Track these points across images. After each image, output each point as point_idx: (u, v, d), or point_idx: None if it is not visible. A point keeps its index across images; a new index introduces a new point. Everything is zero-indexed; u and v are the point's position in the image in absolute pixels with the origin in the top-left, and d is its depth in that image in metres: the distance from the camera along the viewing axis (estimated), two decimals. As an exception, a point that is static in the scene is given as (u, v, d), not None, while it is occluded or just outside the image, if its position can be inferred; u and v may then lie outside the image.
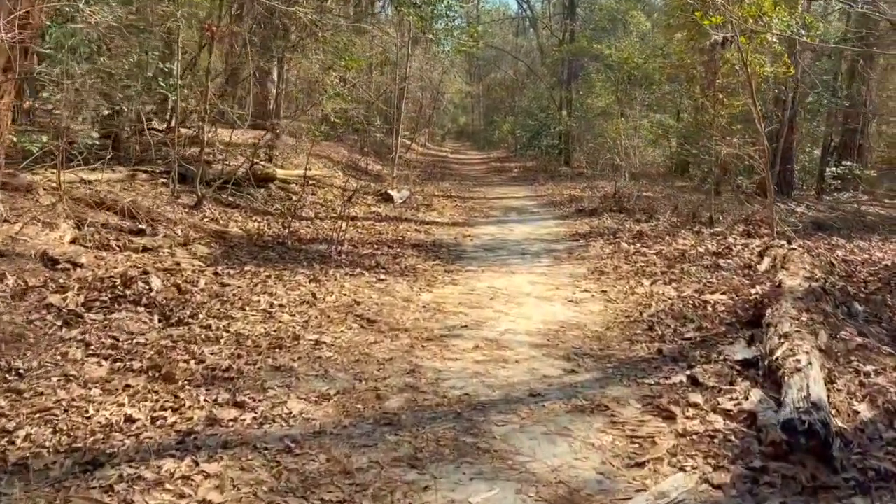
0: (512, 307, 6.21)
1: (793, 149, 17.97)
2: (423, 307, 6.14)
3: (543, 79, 29.48)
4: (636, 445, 3.50)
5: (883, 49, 17.08)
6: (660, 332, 5.32)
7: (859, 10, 10.62)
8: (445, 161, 30.87)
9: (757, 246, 9.17)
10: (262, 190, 10.98)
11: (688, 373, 4.38)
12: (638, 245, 9.09)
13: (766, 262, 7.48)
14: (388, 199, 12.75)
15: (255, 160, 11.37)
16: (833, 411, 3.47)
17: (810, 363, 3.78)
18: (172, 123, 10.08)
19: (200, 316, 5.18)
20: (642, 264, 7.92)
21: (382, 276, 7.09)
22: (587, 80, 26.33)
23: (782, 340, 4.23)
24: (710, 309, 5.94)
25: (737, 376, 4.20)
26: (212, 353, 4.50)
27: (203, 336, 4.80)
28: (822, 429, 3.05)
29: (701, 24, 9.71)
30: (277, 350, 4.70)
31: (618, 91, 22.18)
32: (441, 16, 14.50)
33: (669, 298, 6.35)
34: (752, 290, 6.29)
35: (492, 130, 40.26)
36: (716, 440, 3.50)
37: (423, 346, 5.00)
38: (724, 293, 6.38)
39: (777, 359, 4.01)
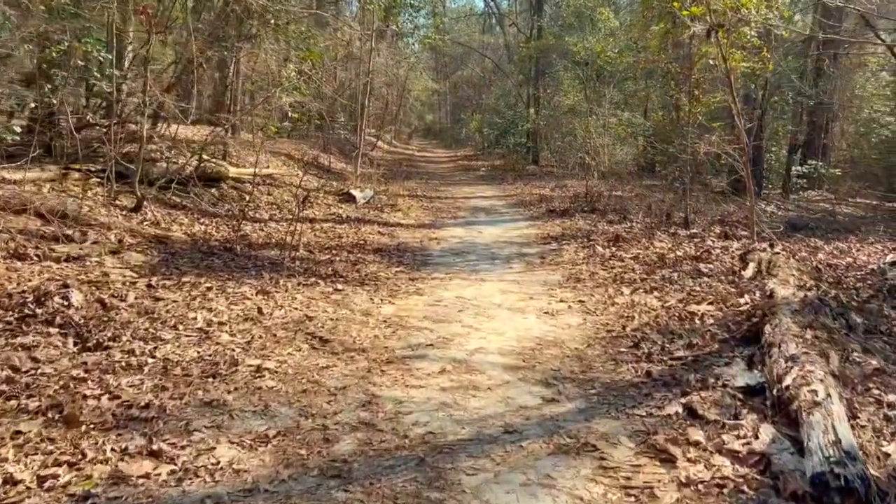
0: (482, 321, 5.61)
1: (762, 147, 17.77)
2: (384, 322, 5.51)
3: (511, 76, 29.01)
4: (632, 499, 2.93)
5: (847, 45, 16.97)
6: (646, 350, 4.77)
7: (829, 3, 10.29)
8: (412, 159, 30.22)
9: (737, 249, 8.75)
10: (213, 190, 10.22)
11: (683, 401, 3.83)
12: (614, 249, 8.58)
13: (751, 267, 7.02)
14: (350, 199, 12.07)
15: (207, 157, 10.60)
16: (862, 454, 2.94)
17: (829, 395, 3.25)
18: (115, 117, 9.27)
19: (124, 338, 4.47)
20: (620, 270, 7.40)
21: (340, 286, 6.43)
22: (555, 78, 25.95)
23: (790, 364, 3.71)
24: (698, 322, 5.42)
25: (741, 407, 3.66)
26: (130, 386, 3.80)
27: (123, 363, 4.10)
28: (861, 485, 2.51)
29: (679, 15, 9.26)
30: (211, 379, 4.02)
31: (587, 88, 21.80)
32: (404, 5, 13.82)
33: (653, 309, 5.83)
34: (742, 300, 5.80)
35: (459, 128, 39.75)
36: (725, 490, 2.95)
37: (382, 371, 4.37)
38: (711, 303, 5.88)
39: (788, 388, 3.48)
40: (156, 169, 9.13)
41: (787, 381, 3.54)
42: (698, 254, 8.35)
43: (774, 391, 3.61)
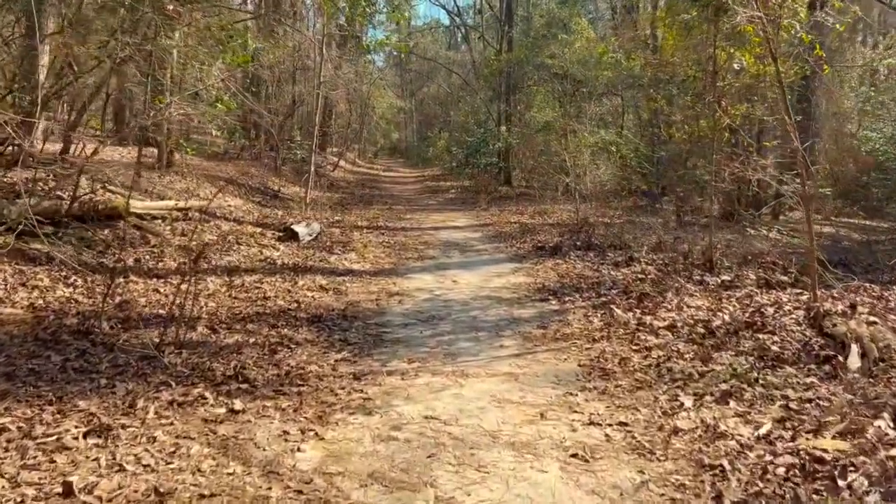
0: (471, 482, 3.21)
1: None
2: (299, 491, 3.07)
3: (480, 92, 26.86)
4: None
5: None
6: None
7: None
8: (376, 180, 27.80)
9: (794, 305, 6.53)
10: (106, 231, 7.66)
11: None
12: (638, 312, 6.26)
13: (854, 354, 4.75)
14: (291, 236, 9.58)
15: (106, 187, 8.08)
16: None
17: None
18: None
19: None
20: (661, 354, 5.06)
21: (239, 404, 3.96)
22: (528, 93, 23.87)
23: None
24: (842, 483, 3.09)
25: None
26: None
27: None
28: None
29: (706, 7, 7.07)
30: None
31: (565, 103, 19.69)
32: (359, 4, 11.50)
33: (747, 448, 3.49)
34: (892, 435, 3.49)
35: (426, 147, 37.48)
36: None
37: None
38: (839, 435, 3.57)
39: None
40: (14, 208, 6.56)
41: None
42: (750, 318, 6.08)
43: None
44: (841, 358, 4.75)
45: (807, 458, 3.33)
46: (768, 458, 3.36)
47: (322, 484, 3.15)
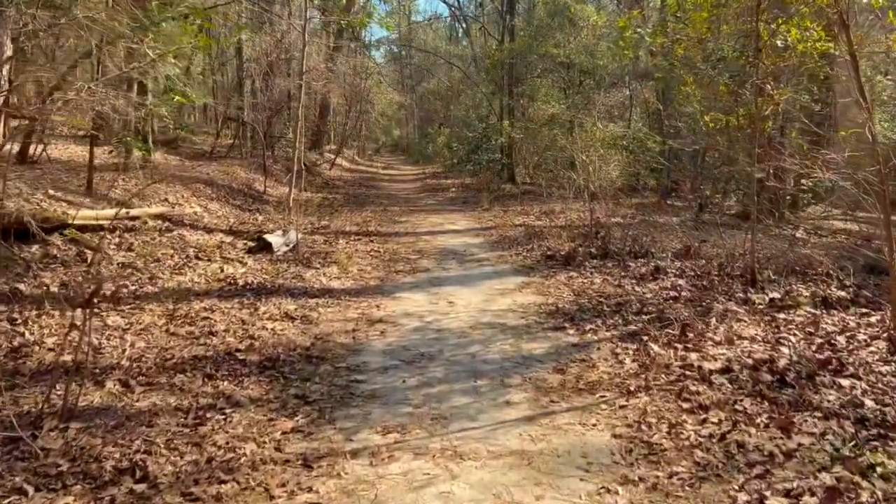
0: None
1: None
2: None
3: (481, 85, 25.46)
4: None
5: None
6: None
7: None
8: (374, 179, 26.46)
9: (870, 334, 5.20)
10: (34, 248, 6.35)
11: None
12: (680, 347, 4.92)
13: None
14: (264, 246, 8.25)
15: (45, 193, 6.80)
16: None
17: None
18: None
19: None
20: (723, 417, 3.72)
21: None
22: (531, 86, 22.47)
23: None
24: None
25: None
26: None
27: None
28: None
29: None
30: None
31: (572, 94, 18.30)
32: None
33: None
34: None
35: (426, 144, 36.11)
36: None
37: None
38: None
39: None
40: None
41: None
42: (820, 352, 4.75)
43: None
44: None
45: None
46: None
47: None
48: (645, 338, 5.17)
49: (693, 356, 4.76)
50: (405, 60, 43.86)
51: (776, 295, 6.57)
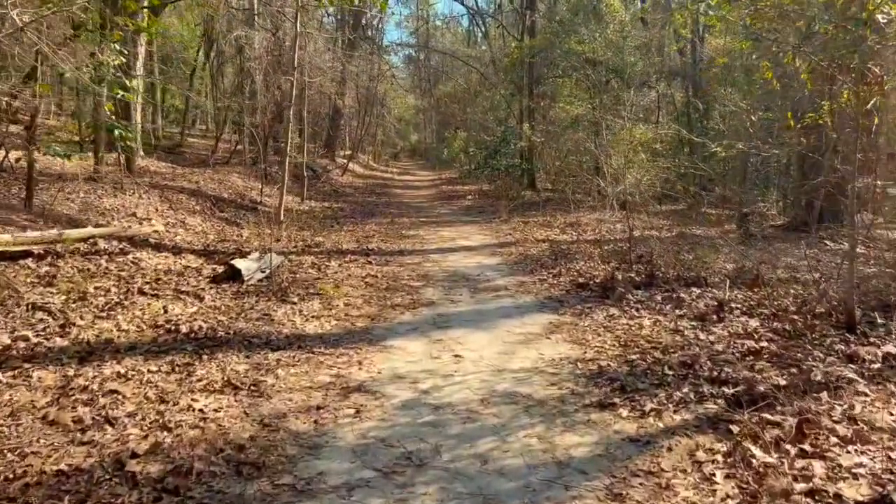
0: None
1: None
2: None
3: (500, 86, 23.79)
4: None
5: None
6: None
7: None
8: (387, 185, 24.91)
9: None
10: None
11: None
12: (793, 452, 3.22)
13: None
14: (232, 275, 6.67)
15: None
16: None
17: None
18: None
19: None
20: None
21: None
22: (553, 85, 20.79)
23: None
24: None
25: None
26: None
27: None
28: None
29: None
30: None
31: (600, 94, 16.58)
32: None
33: None
34: None
35: (443, 148, 34.52)
36: None
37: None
38: None
39: None
40: None
41: None
42: None
43: None
44: None
45: None
46: None
47: None
48: (735, 428, 3.48)
49: (818, 469, 3.07)
50: (422, 63, 42.37)
51: (892, 348, 4.84)
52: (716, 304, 6.14)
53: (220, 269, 6.91)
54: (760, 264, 8.32)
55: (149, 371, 4.19)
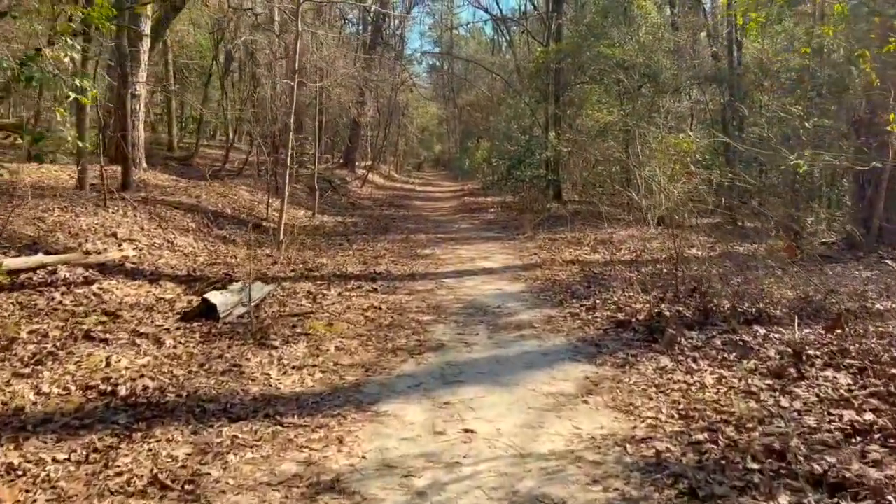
0: None
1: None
2: None
3: (525, 92, 22.64)
4: None
5: None
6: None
7: None
8: (408, 197, 23.89)
9: None
10: None
11: None
12: None
13: None
14: (207, 311, 5.60)
15: None
16: None
17: None
18: None
19: None
20: None
21: None
22: (580, 92, 19.58)
23: None
24: None
25: None
26: None
27: None
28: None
29: None
30: None
31: (634, 101, 15.32)
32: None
33: None
34: None
35: (465, 158, 33.44)
36: None
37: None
38: None
39: None
40: None
41: None
42: None
43: None
44: None
45: None
46: None
47: None
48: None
49: None
50: (445, 72, 41.47)
51: None
52: (791, 352, 4.90)
53: (197, 300, 5.86)
54: (829, 295, 7.04)
55: (53, 461, 3.12)
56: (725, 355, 4.96)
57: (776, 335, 5.55)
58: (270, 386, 4.31)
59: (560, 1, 19.05)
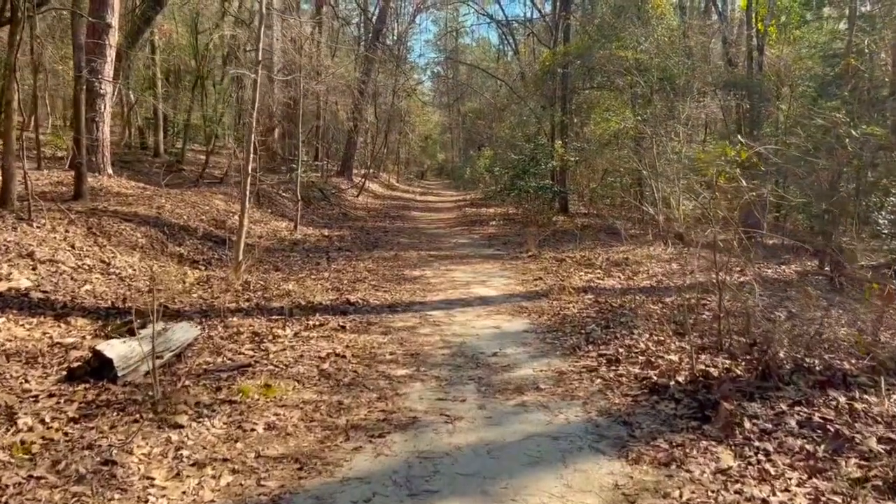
0: None
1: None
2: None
3: (530, 98, 21.24)
4: None
5: None
6: None
7: None
8: (406, 207, 22.48)
9: None
10: None
11: None
12: None
13: None
14: (101, 368, 4.16)
15: None
16: None
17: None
18: None
19: None
20: None
21: None
22: (589, 98, 18.20)
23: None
24: None
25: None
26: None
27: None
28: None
29: None
30: None
31: (645, 106, 13.89)
32: None
33: None
34: None
35: (467, 167, 32.03)
36: None
37: None
38: None
39: None
40: None
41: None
42: None
43: None
44: None
45: None
46: None
47: None
48: None
49: None
50: (448, 78, 40.16)
51: None
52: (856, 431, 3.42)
53: (90, 353, 4.40)
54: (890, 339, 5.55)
55: None
56: (808, 447, 3.48)
57: (860, 403, 4.08)
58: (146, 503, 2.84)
59: (568, 0, 17.64)
